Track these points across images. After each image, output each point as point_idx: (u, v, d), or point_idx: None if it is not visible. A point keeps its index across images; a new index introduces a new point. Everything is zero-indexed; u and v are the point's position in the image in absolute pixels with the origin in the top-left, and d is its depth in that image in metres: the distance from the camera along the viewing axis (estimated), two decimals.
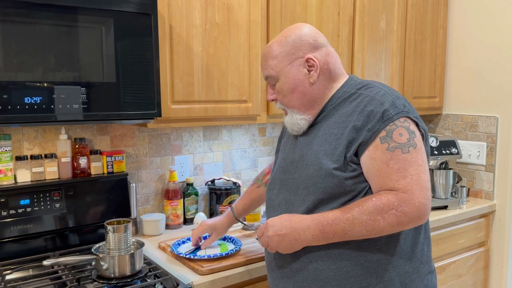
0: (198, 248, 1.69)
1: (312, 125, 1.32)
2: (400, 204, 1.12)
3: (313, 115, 1.31)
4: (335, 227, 1.16)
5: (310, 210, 1.23)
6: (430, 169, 2.18)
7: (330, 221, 1.16)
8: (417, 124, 1.22)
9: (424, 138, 1.24)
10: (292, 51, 1.29)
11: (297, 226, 1.21)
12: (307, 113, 1.31)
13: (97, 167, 1.83)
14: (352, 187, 1.20)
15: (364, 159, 1.19)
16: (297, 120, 1.32)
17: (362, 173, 1.21)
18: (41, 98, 1.38)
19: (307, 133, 1.33)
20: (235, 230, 1.97)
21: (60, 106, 1.42)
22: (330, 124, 1.27)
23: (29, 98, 1.37)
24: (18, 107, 1.35)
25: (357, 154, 1.21)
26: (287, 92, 1.30)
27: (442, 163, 2.48)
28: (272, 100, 1.37)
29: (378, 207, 1.13)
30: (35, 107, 1.38)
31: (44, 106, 1.39)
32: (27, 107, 1.37)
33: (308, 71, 1.29)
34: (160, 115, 1.62)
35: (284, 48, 1.29)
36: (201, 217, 1.99)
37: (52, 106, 1.41)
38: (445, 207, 2.41)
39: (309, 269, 1.23)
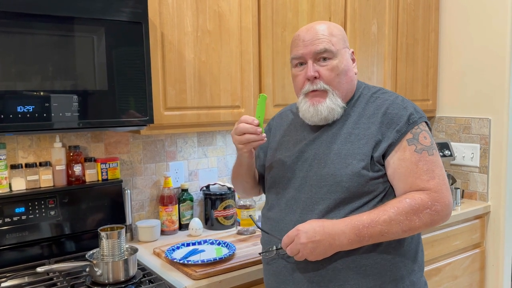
0: (191, 253, 1.71)
1: (326, 124, 1.31)
2: (433, 204, 1.17)
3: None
4: (372, 229, 1.16)
5: (330, 209, 1.22)
6: None
7: (366, 224, 1.16)
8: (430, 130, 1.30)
9: None
10: (344, 39, 1.33)
11: (330, 231, 1.17)
12: (344, 102, 1.30)
13: (92, 174, 1.85)
14: (374, 187, 1.23)
15: (392, 160, 1.22)
16: (338, 107, 1.28)
17: (385, 174, 1.24)
18: (33, 106, 1.40)
19: (322, 131, 1.31)
20: (229, 235, 1.98)
21: (53, 114, 1.44)
22: (350, 124, 1.28)
23: (22, 106, 1.38)
24: (11, 116, 1.37)
25: (383, 155, 1.23)
26: (341, 71, 1.28)
27: None
28: (314, 76, 1.26)
29: (414, 207, 1.17)
30: (28, 115, 1.40)
31: (37, 114, 1.41)
32: (20, 115, 1.38)
33: (352, 62, 1.34)
34: (152, 122, 1.63)
35: (341, 33, 1.32)
36: (196, 223, 2.00)
37: (45, 115, 1.42)
38: None
39: (328, 269, 1.22)
